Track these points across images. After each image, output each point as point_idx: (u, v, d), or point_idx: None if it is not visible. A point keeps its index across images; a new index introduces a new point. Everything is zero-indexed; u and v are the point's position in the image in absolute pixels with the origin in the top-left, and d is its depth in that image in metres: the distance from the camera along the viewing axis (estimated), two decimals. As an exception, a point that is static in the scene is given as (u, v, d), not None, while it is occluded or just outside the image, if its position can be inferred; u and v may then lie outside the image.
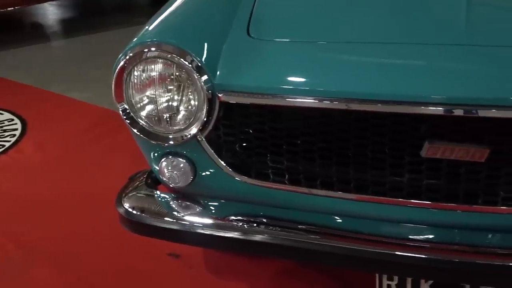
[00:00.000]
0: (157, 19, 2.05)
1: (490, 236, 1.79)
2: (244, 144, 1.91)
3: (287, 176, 1.89)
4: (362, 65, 1.80)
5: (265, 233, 1.91)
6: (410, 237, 1.81)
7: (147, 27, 2.00)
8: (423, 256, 1.75)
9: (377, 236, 1.83)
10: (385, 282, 1.93)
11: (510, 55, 1.70)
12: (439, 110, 1.63)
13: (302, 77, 1.82)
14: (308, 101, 1.75)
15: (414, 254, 1.76)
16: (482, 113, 1.61)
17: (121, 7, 8.78)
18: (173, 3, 2.16)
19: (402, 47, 1.80)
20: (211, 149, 1.90)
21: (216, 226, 1.96)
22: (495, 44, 1.74)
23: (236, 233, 1.93)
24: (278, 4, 2.15)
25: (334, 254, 1.83)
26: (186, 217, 1.99)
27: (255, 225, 1.93)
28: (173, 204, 2.05)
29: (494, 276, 1.75)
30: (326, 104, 1.73)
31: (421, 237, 1.81)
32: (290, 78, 1.81)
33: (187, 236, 1.99)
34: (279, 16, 2.07)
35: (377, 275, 1.94)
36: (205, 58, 1.84)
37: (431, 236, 1.81)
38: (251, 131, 1.88)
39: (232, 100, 1.82)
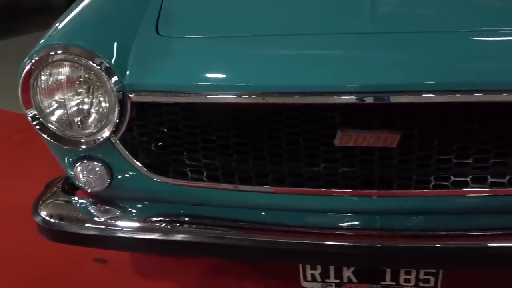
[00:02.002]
0: (64, 19, 1.99)
1: (408, 219, 1.83)
2: (160, 144, 1.88)
3: (205, 173, 1.87)
4: (276, 58, 1.80)
5: (187, 232, 1.89)
6: (330, 226, 1.83)
7: (53, 29, 1.94)
8: (343, 244, 1.77)
9: (298, 227, 1.84)
10: (309, 272, 1.95)
11: (418, 41, 1.73)
12: (353, 98, 1.65)
13: (214, 73, 1.80)
14: (221, 96, 1.74)
15: (334, 242, 1.77)
16: (394, 99, 1.64)
17: (39, 9, 8.55)
18: (80, 3, 2.10)
19: (312, 38, 1.81)
20: (126, 151, 1.86)
21: (137, 228, 1.93)
22: (402, 30, 1.77)
23: (158, 235, 1.90)
24: (186, 0, 2.13)
25: (255, 248, 1.83)
26: (106, 222, 1.94)
27: (177, 225, 1.91)
28: (91, 209, 1.99)
29: (413, 258, 1.79)
30: (241, 99, 1.72)
31: (341, 225, 1.83)
32: (202, 75, 1.79)
33: (108, 241, 1.95)
34: (189, 12, 2.05)
35: (300, 265, 1.95)
36: (114, 59, 1.79)
37: (350, 224, 1.83)
38: (165, 130, 1.85)
39: (144, 100, 1.78)
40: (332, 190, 1.80)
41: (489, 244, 1.75)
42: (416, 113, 1.68)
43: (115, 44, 1.86)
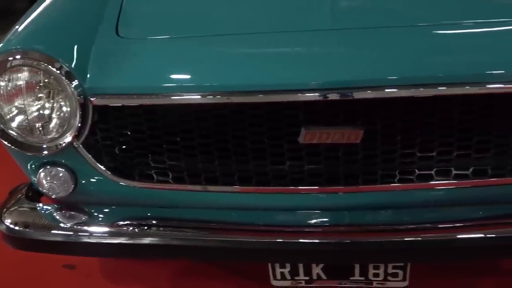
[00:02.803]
0: (23, 23, 1.95)
1: (376, 214, 1.84)
2: (124, 147, 1.86)
3: (171, 175, 1.86)
4: (239, 57, 1.80)
5: (155, 235, 1.87)
6: (298, 224, 1.83)
7: (12, 33, 1.90)
8: (312, 241, 1.78)
9: (266, 226, 1.84)
10: (278, 270, 1.95)
11: (380, 36, 1.74)
12: (316, 96, 1.65)
13: (177, 74, 1.79)
14: (185, 97, 1.72)
15: (303, 240, 1.78)
16: (357, 95, 1.65)
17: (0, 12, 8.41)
18: (40, 5, 2.06)
19: (275, 36, 1.81)
20: (89, 155, 1.84)
21: (104, 233, 1.91)
22: (364, 26, 1.77)
23: (125, 239, 1.88)
24: (146, 1, 2.10)
25: (223, 249, 1.83)
26: (72, 228, 1.92)
27: (145, 228, 1.89)
28: (57, 216, 1.96)
29: (381, 253, 1.80)
30: (206, 99, 1.71)
31: (309, 222, 1.83)
32: (165, 76, 1.77)
33: (74, 247, 1.93)
34: (150, 13, 2.03)
35: (269, 264, 1.95)
36: (75, 63, 1.77)
37: (318, 221, 1.83)
38: (129, 133, 1.83)
39: (106, 103, 1.76)
40: (299, 188, 1.80)
41: (456, 236, 1.77)
42: (379, 108, 1.68)
43: (75, 47, 1.83)
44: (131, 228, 1.90)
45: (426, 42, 1.73)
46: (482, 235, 1.77)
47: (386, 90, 1.64)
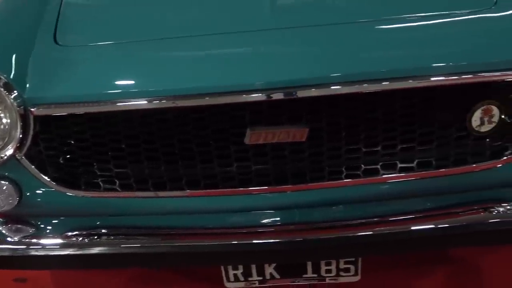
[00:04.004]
0: None
1: (325, 211, 1.85)
2: (68, 156, 1.83)
3: (117, 182, 1.84)
4: (182, 61, 1.79)
5: (105, 244, 1.85)
6: (249, 224, 1.84)
7: None
8: (263, 242, 1.78)
9: (216, 229, 1.84)
10: (231, 272, 1.95)
11: (322, 34, 1.75)
12: (261, 96, 1.65)
13: (121, 80, 1.77)
14: (130, 103, 1.70)
15: (253, 241, 1.78)
16: (302, 93, 1.65)
17: None
18: None
19: (217, 38, 1.80)
20: (33, 167, 1.80)
21: (53, 245, 1.88)
22: (305, 24, 1.78)
23: (74, 250, 1.86)
24: (86, 6, 2.07)
25: (175, 254, 1.82)
26: (19, 241, 1.88)
27: (95, 237, 1.87)
28: (2, 230, 1.92)
29: (331, 249, 1.82)
30: (151, 104, 1.69)
31: (260, 223, 1.84)
32: (108, 83, 1.75)
33: (23, 261, 1.90)
34: (88, 19, 1.99)
35: (222, 266, 1.94)
36: (13, 73, 1.74)
37: (268, 221, 1.84)
38: (72, 142, 1.80)
39: (47, 113, 1.73)
40: (247, 189, 1.80)
41: (404, 228, 1.80)
42: (323, 106, 1.70)
43: (13, 57, 1.80)
44: (80, 239, 1.87)
45: (368, 37, 1.74)
46: (431, 226, 1.81)
47: (330, 87, 1.65)
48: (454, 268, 2.45)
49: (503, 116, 1.73)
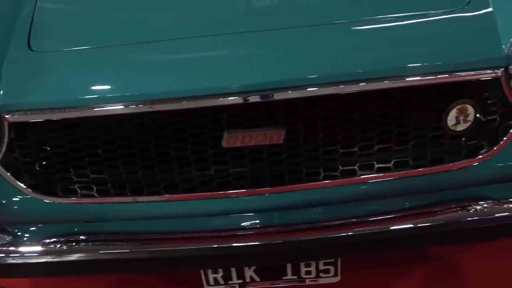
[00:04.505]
0: None
1: (304, 212, 1.85)
2: (44, 163, 1.82)
3: (95, 188, 1.83)
4: (159, 65, 1.77)
5: (83, 251, 1.84)
6: (228, 228, 1.84)
7: None
8: (242, 245, 1.79)
9: (195, 233, 1.84)
10: (211, 276, 1.94)
11: (297, 36, 1.75)
12: (238, 99, 1.65)
13: (97, 85, 1.75)
14: (107, 108, 1.69)
15: (232, 244, 1.79)
16: (278, 96, 1.65)
17: None
18: None
19: (193, 41, 1.79)
20: (8, 174, 1.79)
21: (31, 253, 1.87)
22: (280, 26, 1.77)
23: (52, 257, 1.85)
24: (60, 11, 2.05)
25: (154, 259, 1.82)
26: None
27: (73, 244, 1.86)
28: (-22, 238, 1.90)
29: (310, 250, 1.83)
30: (128, 109, 1.68)
31: (239, 226, 1.84)
32: (84, 88, 1.73)
33: (0, 269, 1.87)
34: (62, 24, 1.96)
35: (202, 270, 1.94)
36: None
37: (248, 224, 1.84)
38: (48, 148, 1.79)
39: (22, 119, 1.72)
40: (225, 192, 1.80)
41: (383, 228, 1.81)
42: (300, 107, 1.70)
43: None
44: (58, 246, 1.86)
45: (344, 39, 1.74)
46: (410, 226, 1.82)
47: (307, 89, 1.65)
48: (433, 267, 2.47)
49: (478, 115, 1.74)
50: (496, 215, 1.81)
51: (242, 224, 1.83)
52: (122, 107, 1.68)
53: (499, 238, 1.94)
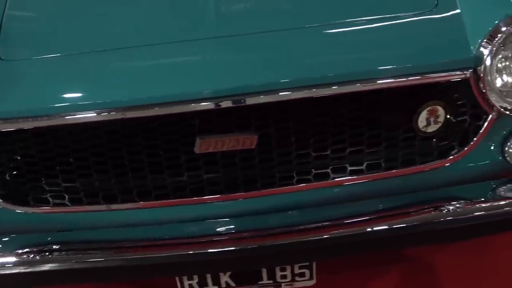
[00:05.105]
0: None
1: (278, 216, 1.85)
2: (15, 172, 1.80)
3: (66, 197, 1.81)
4: (131, 71, 1.76)
5: (56, 260, 1.81)
6: (202, 234, 1.82)
7: None
8: (216, 251, 1.76)
9: (169, 239, 1.81)
10: (186, 283, 1.94)
11: (268, 40, 1.75)
12: (210, 104, 1.65)
13: (68, 93, 1.74)
14: (78, 116, 1.68)
15: (207, 250, 1.77)
16: (250, 100, 1.66)
17: None
18: None
19: (164, 47, 1.78)
20: None
21: (3, 264, 1.82)
22: (251, 31, 1.77)
23: (24, 267, 1.81)
24: (29, 19, 2.02)
25: (128, 268, 1.79)
26: None
27: (46, 254, 1.83)
28: None
29: (285, 254, 1.81)
30: (100, 116, 1.67)
31: (213, 231, 1.82)
32: (55, 96, 1.72)
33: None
34: (31, 33, 1.93)
35: (177, 277, 1.93)
36: None
37: (222, 229, 1.82)
38: (19, 157, 1.77)
39: None
40: (199, 198, 1.79)
41: (356, 231, 1.80)
42: (272, 112, 1.70)
43: None
44: (31, 256, 1.83)
45: (315, 42, 1.75)
46: (384, 227, 1.82)
47: (279, 93, 1.66)
48: (408, 268, 2.48)
49: (448, 116, 1.76)
50: (469, 215, 1.82)
51: (217, 229, 1.82)
52: (94, 114, 1.67)
53: (472, 238, 1.96)
